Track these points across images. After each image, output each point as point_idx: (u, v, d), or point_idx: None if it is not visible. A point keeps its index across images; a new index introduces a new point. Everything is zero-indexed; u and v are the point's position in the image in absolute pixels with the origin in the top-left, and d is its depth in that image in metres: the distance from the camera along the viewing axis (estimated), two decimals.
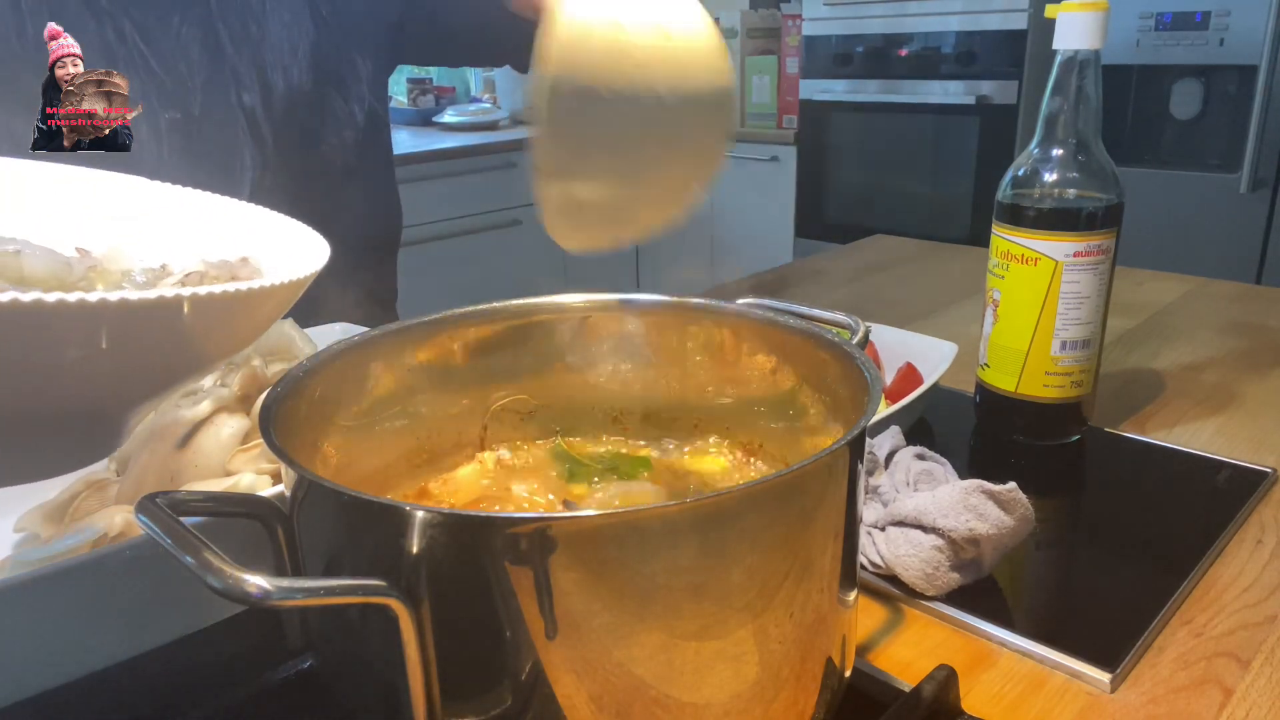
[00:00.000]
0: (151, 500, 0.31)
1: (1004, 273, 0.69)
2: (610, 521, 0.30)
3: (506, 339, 0.49)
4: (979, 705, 0.45)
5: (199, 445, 0.51)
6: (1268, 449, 0.71)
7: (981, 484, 0.52)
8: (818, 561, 0.34)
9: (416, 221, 2.53)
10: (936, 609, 0.52)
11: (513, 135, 2.87)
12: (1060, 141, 0.67)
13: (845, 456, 0.34)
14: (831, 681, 0.37)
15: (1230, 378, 0.85)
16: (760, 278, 1.28)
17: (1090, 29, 0.64)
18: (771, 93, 2.85)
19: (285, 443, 0.34)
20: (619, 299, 0.50)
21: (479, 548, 0.30)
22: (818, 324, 0.44)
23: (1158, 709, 0.45)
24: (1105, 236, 0.66)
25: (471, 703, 0.32)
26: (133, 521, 0.46)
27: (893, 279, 1.23)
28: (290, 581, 0.28)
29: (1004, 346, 0.71)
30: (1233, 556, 0.57)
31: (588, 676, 0.31)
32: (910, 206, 2.58)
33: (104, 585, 0.43)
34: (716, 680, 0.32)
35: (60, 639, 0.43)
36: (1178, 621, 0.51)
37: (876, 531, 0.54)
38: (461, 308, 0.48)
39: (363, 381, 0.45)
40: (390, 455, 0.47)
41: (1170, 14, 2.00)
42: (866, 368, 0.39)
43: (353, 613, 0.33)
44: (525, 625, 0.30)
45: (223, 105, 0.74)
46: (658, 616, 0.31)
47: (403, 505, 0.30)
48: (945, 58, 2.41)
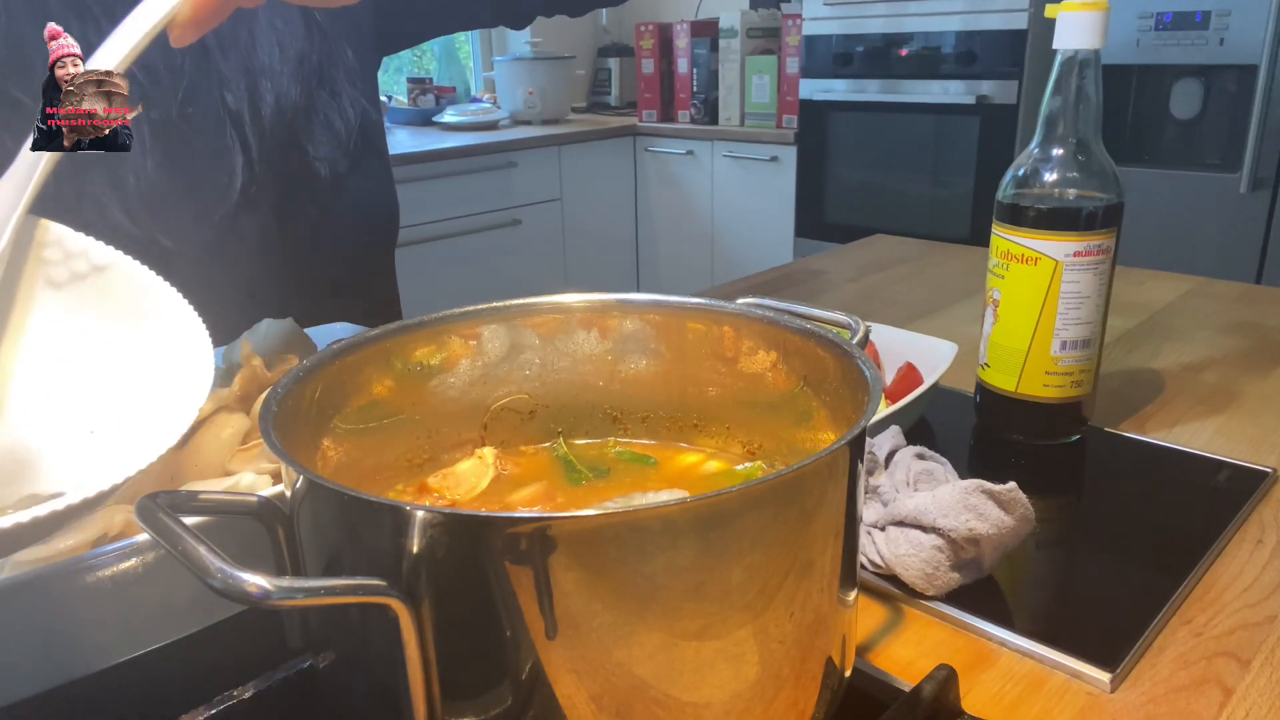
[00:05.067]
0: (151, 500, 0.31)
1: (1004, 272, 0.69)
2: (610, 521, 0.30)
3: (506, 339, 0.49)
4: (979, 705, 0.45)
5: (199, 445, 0.51)
6: (1268, 449, 0.71)
7: (981, 484, 0.52)
8: (818, 561, 0.34)
9: (416, 221, 2.53)
10: (936, 609, 0.52)
11: (513, 135, 2.87)
12: (1060, 141, 0.67)
13: (845, 456, 0.34)
14: (831, 681, 0.37)
15: (1230, 378, 0.85)
16: (760, 278, 1.28)
17: (1090, 29, 0.64)
18: (771, 93, 2.85)
19: (285, 442, 0.34)
20: (619, 299, 0.50)
21: (479, 548, 0.30)
22: (818, 324, 0.44)
23: (1158, 709, 0.45)
24: (1105, 236, 0.66)
25: (471, 703, 0.32)
26: (133, 521, 0.46)
27: (893, 279, 1.23)
28: (290, 581, 0.28)
29: (1004, 346, 0.71)
30: (1233, 556, 0.57)
31: (588, 676, 0.31)
32: (910, 206, 2.58)
33: (104, 585, 0.43)
34: (716, 680, 0.32)
35: (60, 639, 0.43)
36: (1178, 621, 0.51)
37: (876, 531, 0.54)
38: (461, 308, 0.48)
39: (363, 381, 0.45)
40: (390, 455, 0.47)
41: (1170, 14, 2.00)
42: (866, 368, 0.39)
43: (353, 613, 0.33)
44: (525, 625, 0.30)
45: (209, 110, 0.73)
46: (658, 616, 0.31)
47: (403, 505, 0.30)
48: (945, 58, 2.41)
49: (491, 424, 0.51)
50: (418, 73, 3.32)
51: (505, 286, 2.81)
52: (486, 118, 3.04)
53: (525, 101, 3.09)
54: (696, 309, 0.49)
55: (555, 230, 3.02)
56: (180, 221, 0.72)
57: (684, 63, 3.07)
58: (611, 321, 0.50)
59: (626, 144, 3.18)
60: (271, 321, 0.59)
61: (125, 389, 0.39)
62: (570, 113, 3.34)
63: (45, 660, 0.42)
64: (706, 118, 3.05)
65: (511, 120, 3.13)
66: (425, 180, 2.57)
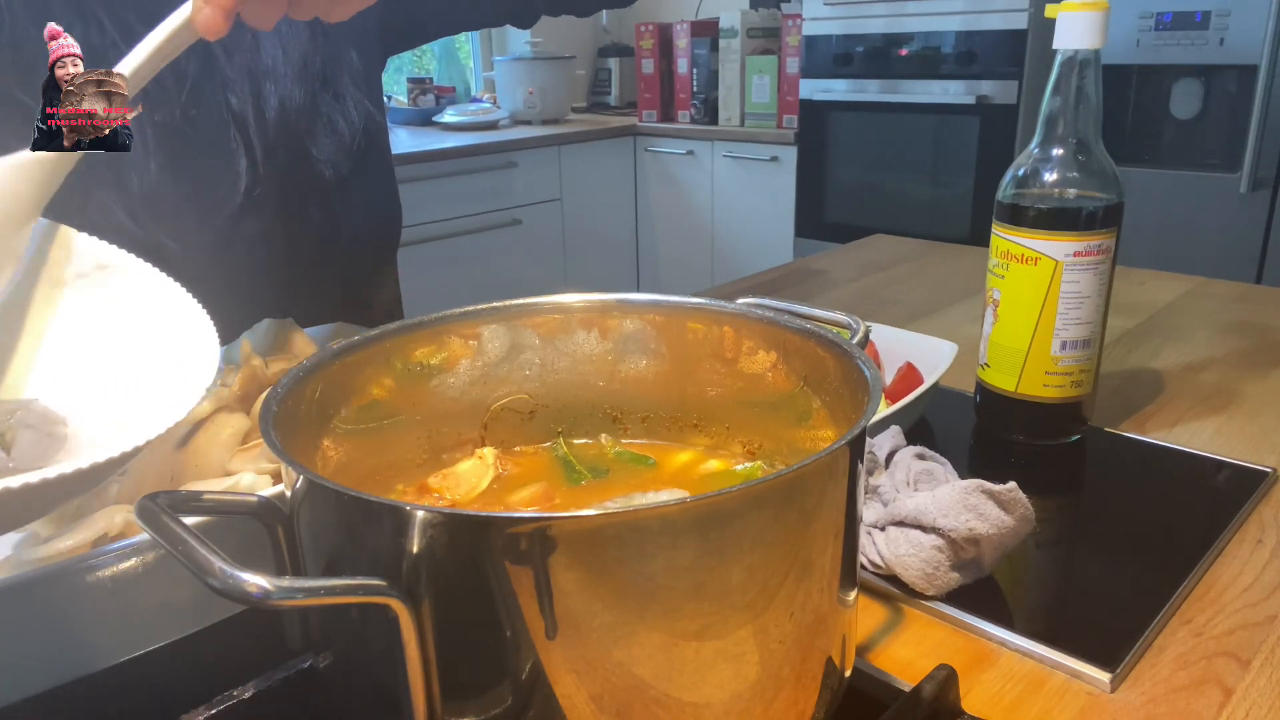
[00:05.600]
0: (151, 500, 0.31)
1: (1004, 272, 0.69)
2: (610, 521, 0.30)
3: (506, 339, 0.49)
4: (979, 705, 0.45)
5: (199, 445, 0.51)
6: (1268, 449, 0.71)
7: (981, 484, 0.52)
8: (818, 561, 0.34)
9: (416, 221, 2.53)
10: (936, 609, 0.52)
11: (513, 135, 2.87)
12: (1060, 141, 0.67)
13: (845, 456, 0.34)
14: (831, 681, 0.37)
15: (1230, 378, 0.85)
16: (760, 278, 1.28)
17: (1090, 29, 0.64)
18: (771, 93, 2.85)
19: (285, 442, 0.34)
20: (619, 299, 0.50)
21: (479, 548, 0.30)
22: (818, 324, 0.44)
23: (1158, 709, 0.45)
24: (1105, 236, 0.66)
25: (471, 703, 0.32)
26: (133, 521, 0.46)
27: (893, 279, 1.23)
28: (290, 581, 0.28)
29: (1004, 346, 0.71)
30: (1233, 556, 0.57)
31: (588, 676, 0.31)
32: (910, 206, 2.58)
33: (104, 585, 0.43)
34: (716, 680, 0.32)
35: (60, 639, 0.43)
36: (1178, 621, 0.51)
37: (876, 531, 0.54)
38: (461, 308, 0.48)
39: (363, 381, 0.45)
40: (390, 455, 0.47)
41: (1170, 14, 2.00)
42: (866, 368, 0.39)
43: (353, 613, 0.33)
44: (525, 625, 0.30)
45: (213, 113, 0.73)
46: (658, 616, 0.31)
47: (403, 505, 0.30)
48: (945, 58, 2.41)
49: (491, 424, 0.51)
50: (418, 73, 3.32)
51: (505, 286, 2.81)
52: (486, 118, 3.04)
53: (525, 101, 3.09)
54: (696, 309, 0.49)
55: (555, 230, 3.02)
56: (184, 223, 0.72)
57: (684, 63, 3.07)
58: (611, 321, 0.50)
59: (626, 144, 3.18)
60: (272, 321, 0.59)
61: (136, 371, 0.40)
62: (570, 113, 3.34)
63: (45, 660, 0.42)
64: (706, 118, 3.05)
65: (511, 120, 3.13)
66: (425, 180, 2.57)
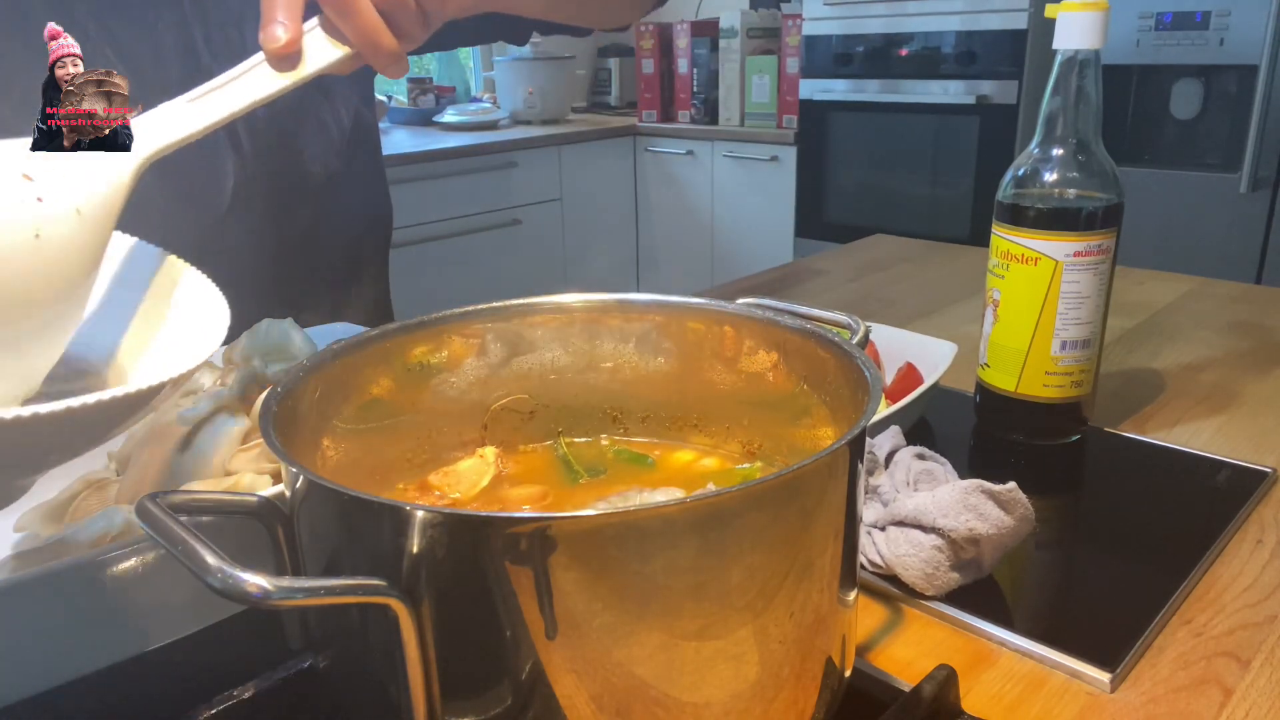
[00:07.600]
0: (151, 500, 0.31)
1: (1004, 272, 0.69)
2: (610, 521, 0.29)
3: (506, 339, 0.49)
4: (979, 705, 0.45)
5: (199, 445, 0.51)
6: (1268, 449, 0.71)
7: (981, 484, 0.52)
8: (818, 561, 0.34)
9: (416, 221, 2.53)
10: (936, 609, 0.52)
11: (513, 135, 2.87)
12: (1060, 141, 0.67)
13: (845, 456, 0.34)
14: (831, 681, 0.37)
15: (1230, 378, 0.85)
16: (760, 278, 1.28)
17: (1090, 29, 0.64)
18: (771, 93, 2.86)
19: (285, 442, 0.34)
20: (619, 299, 0.50)
21: (479, 548, 0.30)
22: (818, 324, 0.44)
23: (1158, 709, 0.45)
24: (1105, 236, 0.66)
25: (471, 703, 0.32)
26: (133, 521, 0.46)
27: (893, 279, 1.23)
28: (290, 581, 0.28)
29: (1004, 346, 0.71)
30: (1233, 556, 0.57)
31: (588, 676, 0.31)
32: (910, 206, 2.58)
33: (104, 585, 0.43)
34: (716, 680, 0.32)
35: (60, 639, 0.43)
36: (1178, 621, 0.51)
37: (876, 531, 0.54)
38: (461, 308, 0.48)
39: (363, 381, 0.45)
40: (391, 455, 0.47)
41: (1170, 14, 2.00)
42: (866, 368, 0.39)
43: (353, 613, 0.33)
44: (525, 625, 0.30)
45: None
46: (658, 616, 0.31)
47: (403, 505, 0.30)
48: (945, 58, 2.41)
49: (492, 424, 0.51)
50: (418, 73, 3.31)
51: (505, 286, 2.81)
52: (486, 118, 3.04)
53: (525, 101, 3.09)
54: (696, 309, 0.49)
55: (555, 230, 3.02)
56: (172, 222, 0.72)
57: (684, 63, 3.07)
58: (612, 321, 0.50)
59: (626, 144, 3.18)
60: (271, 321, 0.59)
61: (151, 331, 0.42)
62: (570, 113, 3.34)
63: (45, 660, 0.42)
64: (706, 118, 3.05)
65: (511, 120, 3.13)
66: (425, 180, 2.57)
